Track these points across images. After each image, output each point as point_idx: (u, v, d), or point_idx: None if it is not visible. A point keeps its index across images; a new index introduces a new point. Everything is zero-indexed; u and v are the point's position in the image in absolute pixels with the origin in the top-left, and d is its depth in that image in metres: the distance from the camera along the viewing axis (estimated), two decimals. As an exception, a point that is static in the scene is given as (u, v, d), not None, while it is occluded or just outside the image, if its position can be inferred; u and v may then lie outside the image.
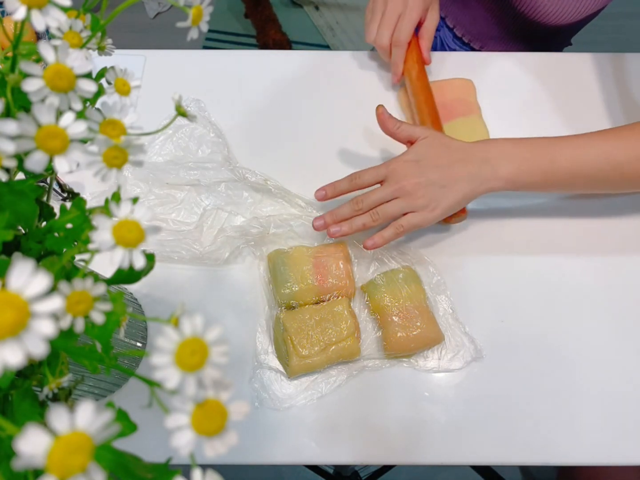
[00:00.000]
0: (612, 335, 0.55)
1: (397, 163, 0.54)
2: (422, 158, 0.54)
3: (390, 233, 0.53)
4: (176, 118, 0.29)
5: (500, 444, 0.51)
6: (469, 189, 0.53)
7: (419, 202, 0.52)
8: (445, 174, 0.53)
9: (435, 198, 0.52)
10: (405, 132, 0.56)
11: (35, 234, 0.28)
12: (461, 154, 0.54)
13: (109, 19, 0.28)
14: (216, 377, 0.21)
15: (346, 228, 0.53)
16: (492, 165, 0.53)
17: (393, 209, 0.53)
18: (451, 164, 0.53)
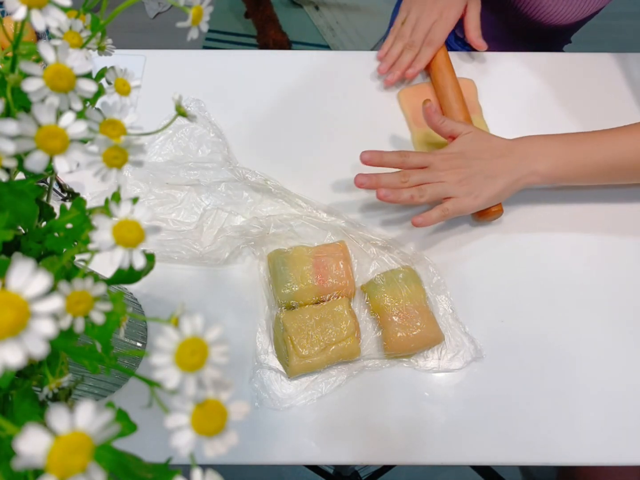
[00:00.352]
0: (612, 335, 0.55)
1: (443, 154, 0.57)
2: (466, 150, 0.57)
3: (437, 215, 0.55)
4: (176, 118, 0.29)
5: (500, 444, 0.51)
6: (509, 182, 0.56)
7: (463, 189, 0.55)
8: (488, 166, 0.56)
9: (478, 187, 0.55)
10: (448, 127, 0.59)
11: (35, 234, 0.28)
12: (502, 149, 0.57)
13: (109, 19, 0.28)
14: (216, 377, 0.21)
15: (394, 196, 0.55)
16: (531, 160, 0.56)
17: (438, 190, 0.55)
18: (492, 158, 0.56)
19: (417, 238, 0.60)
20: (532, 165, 0.56)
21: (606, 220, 0.61)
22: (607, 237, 0.60)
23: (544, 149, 0.56)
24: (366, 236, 0.58)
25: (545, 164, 0.56)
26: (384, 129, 0.67)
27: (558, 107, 0.69)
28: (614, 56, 0.72)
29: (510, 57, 0.73)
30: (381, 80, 0.71)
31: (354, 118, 0.68)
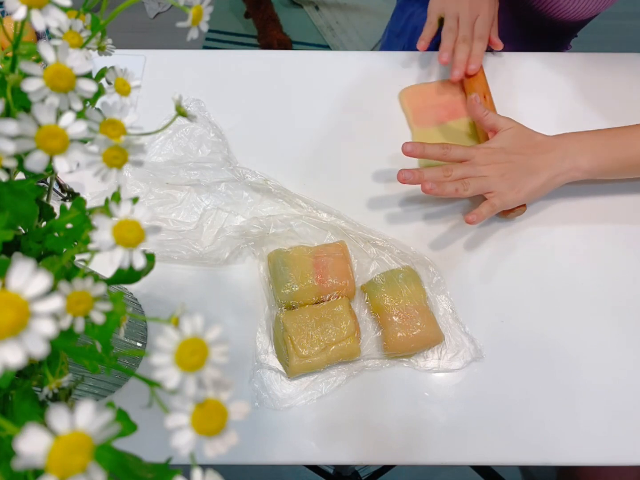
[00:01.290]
0: (612, 335, 0.55)
1: (486, 148, 0.58)
2: (508, 146, 0.58)
3: (487, 210, 0.56)
4: (176, 118, 0.29)
5: (500, 444, 0.51)
6: (550, 176, 0.57)
7: (505, 184, 0.56)
8: (530, 161, 0.57)
9: (520, 181, 0.57)
10: (491, 120, 0.60)
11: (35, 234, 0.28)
12: (543, 145, 0.58)
13: (109, 19, 0.28)
14: (216, 377, 0.21)
15: (439, 189, 0.55)
16: (572, 156, 0.57)
17: (482, 184, 0.56)
18: (534, 153, 0.57)
19: (417, 238, 0.60)
20: (574, 161, 0.57)
21: (606, 219, 0.61)
22: (607, 237, 0.60)
23: (585, 144, 0.57)
24: (366, 236, 0.58)
25: (587, 159, 0.57)
26: (385, 129, 0.67)
27: (561, 107, 0.69)
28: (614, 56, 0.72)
29: (517, 57, 0.73)
30: (381, 80, 0.71)
31: (354, 118, 0.68)
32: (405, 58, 0.73)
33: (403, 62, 0.73)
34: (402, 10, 0.89)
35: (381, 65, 0.72)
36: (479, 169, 0.57)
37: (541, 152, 0.57)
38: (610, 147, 0.57)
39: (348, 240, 0.58)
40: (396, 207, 0.62)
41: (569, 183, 0.59)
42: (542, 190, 0.58)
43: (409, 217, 0.61)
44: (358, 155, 0.65)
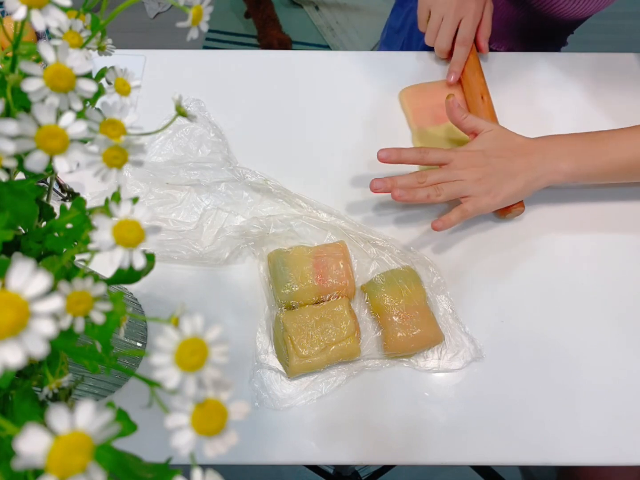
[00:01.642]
0: (612, 335, 0.55)
1: (464, 151, 0.57)
2: (487, 148, 0.57)
3: (457, 216, 0.55)
4: (176, 118, 0.29)
5: (500, 444, 0.51)
6: (529, 179, 0.56)
7: (481, 188, 0.55)
8: (509, 164, 0.56)
9: (497, 185, 0.55)
10: (470, 123, 0.59)
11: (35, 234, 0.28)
12: (524, 148, 0.57)
13: (109, 19, 0.28)
14: (216, 377, 0.21)
15: (409, 196, 0.54)
16: (553, 159, 0.56)
17: (456, 189, 0.55)
18: (514, 156, 0.56)
19: (417, 238, 0.60)
20: (554, 164, 0.56)
21: (607, 219, 0.61)
22: (607, 237, 0.60)
23: (566, 148, 0.56)
24: (366, 236, 0.58)
25: (568, 163, 0.55)
26: (385, 129, 0.67)
27: (562, 107, 0.69)
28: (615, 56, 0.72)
29: (516, 57, 0.73)
30: (381, 80, 0.71)
31: (354, 118, 0.68)
32: (405, 58, 0.73)
33: (403, 62, 0.73)
34: (402, 7, 0.89)
35: (381, 65, 0.72)
36: (456, 172, 0.56)
37: (521, 155, 0.56)
38: (592, 151, 0.56)
39: (348, 240, 0.58)
40: (396, 207, 0.62)
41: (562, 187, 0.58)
42: (519, 194, 0.56)
43: (409, 217, 0.61)
44: (358, 155, 0.65)
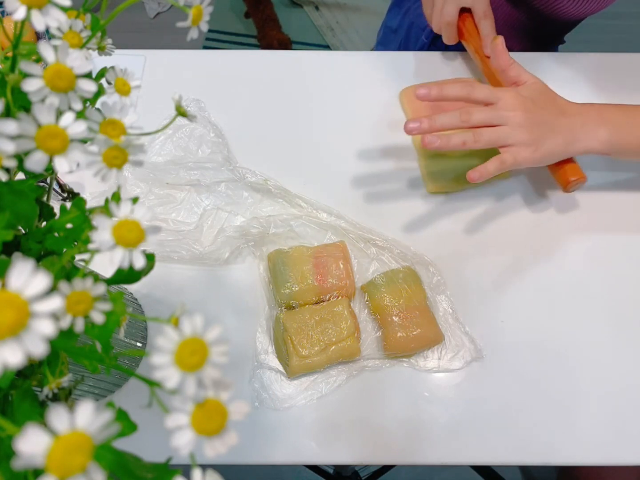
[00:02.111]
0: (613, 335, 0.55)
1: (513, 93, 0.54)
2: (535, 97, 0.54)
3: (495, 166, 0.52)
4: (176, 118, 0.29)
5: (500, 444, 0.51)
6: (569, 140, 0.54)
7: (524, 137, 0.52)
8: (554, 119, 0.54)
9: (541, 137, 0.53)
10: (515, 71, 0.57)
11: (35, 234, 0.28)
12: (567, 109, 0.55)
13: (109, 19, 0.28)
14: (216, 377, 0.21)
15: (443, 142, 0.51)
16: (593, 125, 0.54)
17: (497, 135, 0.52)
18: (559, 113, 0.54)
19: (417, 238, 0.60)
20: (594, 131, 0.54)
21: (607, 220, 0.61)
22: (608, 237, 0.60)
23: (606, 116, 0.55)
24: (366, 236, 0.58)
25: (607, 131, 0.54)
26: (385, 129, 0.67)
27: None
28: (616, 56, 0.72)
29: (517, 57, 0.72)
30: (381, 80, 0.71)
31: (354, 118, 0.68)
32: (405, 58, 0.73)
33: (403, 61, 0.73)
34: (399, 6, 0.89)
35: (381, 65, 0.72)
36: (504, 114, 0.52)
37: (564, 115, 0.54)
38: (632, 122, 0.55)
39: (348, 240, 0.58)
40: (396, 207, 0.62)
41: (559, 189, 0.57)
42: (558, 153, 0.54)
43: (409, 217, 0.61)
44: (358, 155, 0.65)
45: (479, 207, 0.62)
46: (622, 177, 0.64)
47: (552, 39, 0.84)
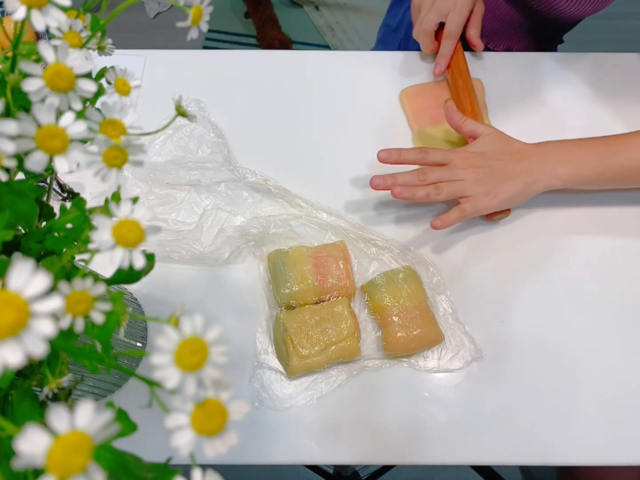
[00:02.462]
0: (613, 335, 0.55)
1: (464, 152, 0.58)
2: (487, 151, 0.57)
3: (456, 216, 0.55)
4: (176, 118, 0.29)
5: (500, 444, 0.51)
6: (527, 183, 0.56)
7: (481, 188, 0.56)
8: (508, 167, 0.57)
9: (496, 187, 0.56)
10: (470, 127, 0.59)
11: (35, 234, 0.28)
12: (522, 152, 0.57)
13: (109, 19, 0.28)
14: (216, 377, 0.21)
15: (409, 194, 0.55)
16: (551, 164, 0.57)
17: (455, 188, 0.56)
18: (513, 160, 0.57)
19: (417, 238, 0.60)
20: (552, 169, 0.56)
21: (608, 222, 0.61)
22: (608, 239, 0.60)
23: (564, 154, 0.57)
24: (366, 236, 0.58)
25: (565, 168, 0.56)
26: (385, 129, 0.67)
27: (564, 107, 0.69)
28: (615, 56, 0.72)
29: (519, 57, 0.73)
30: (381, 80, 0.71)
31: (354, 118, 0.68)
32: (405, 58, 0.73)
33: (403, 62, 0.73)
34: (399, 5, 0.89)
35: (381, 65, 0.72)
36: (456, 172, 0.56)
37: (519, 159, 0.57)
38: (589, 157, 0.57)
39: (348, 240, 0.58)
40: (396, 207, 0.62)
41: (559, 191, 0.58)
42: (518, 197, 0.57)
43: (409, 217, 0.61)
44: (358, 155, 0.65)
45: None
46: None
47: (551, 38, 0.84)
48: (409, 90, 0.69)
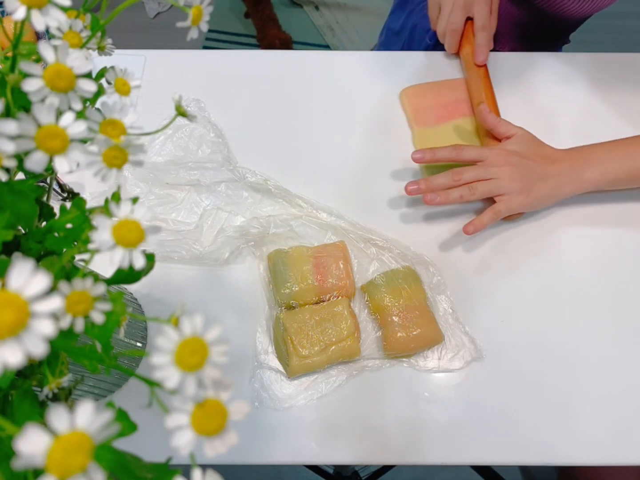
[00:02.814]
0: (613, 335, 0.55)
1: (499, 150, 0.58)
2: (522, 150, 0.58)
3: (489, 217, 0.56)
4: (176, 118, 0.29)
5: (500, 444, 0.51)
6: (559, 184, 0.58)
7: (516, 186, 0.56)
8: (541, 168, 0.58)
9: (530, 185, 0.57)
10: (504, 127, 0.60)
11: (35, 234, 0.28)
12: (553, 156, 0.59)
13: (109, 19, 0.28)
14: (216, 377, 0.21)
15: (442, 198, 0.56)
16: (580, 168, 0.58)
17: (490, 187, 0.56)
18: (545, 162, 0.58)
19: (417, 238, 0.60)
20: (581, 172, 0.58)
21: (608, 221, 0.61)
22: (608, 238, 0.60)
23: (591, 157, 0.58)
24: (366, 236, 0.58)
25: (594, 171, 0.57)
26: (385, 129, 0.67)
27: (564, 107, 0.69)
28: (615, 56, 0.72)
29: (520, 57, 0.73)
30: (381, 80, 0.71)
31: (354, 118, 0.68)
32: (405, 58, 0.73)
33: (403, 62, 0.73)
34: (402, 9, 0.89)
35: (381, 65, 0.72)
36: (491, 170, 0.56)
37: (551, 162, 0.58)
38: (617, 158, 0.58)
39: (348, 240, 0.58)
40: (396, 207, 0.62)
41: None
42: (549, 198, 0.58)
43: (409, 217, 0.61)
44: (358, 155, 0.65)
45: (479, 207, 0.62)
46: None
47: (556, 38, 0.84)
48: (409, 90, 0.69)
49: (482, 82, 0.66)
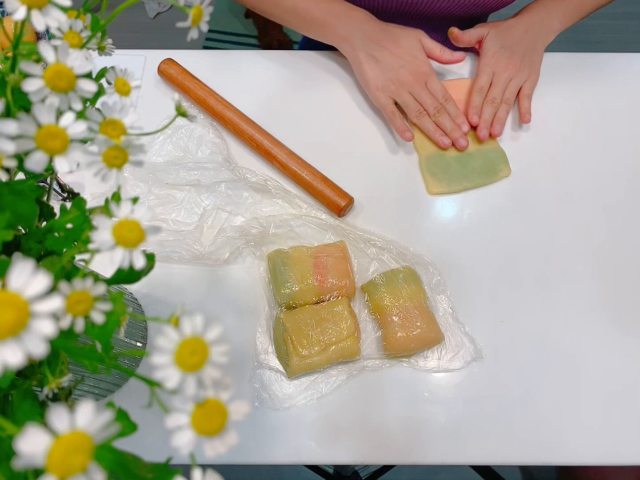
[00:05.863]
0: (613, 335, 0.55)
1: (490, 58, 0.66)
2: (502, 44, 0.67)
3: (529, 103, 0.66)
4: (176, 118, 0.29)
5: (500, 444, 0.51)
6: (543, 44, 0.68)
7: (524, 73, 0.66)
8: (525, 45, 0.67)
9: (531, 64, 0.67)
10: (474, 36, 0.68)
11: (35, 234, 0.28)
12: (523, 26, 0.68)
13: (109, 19, 0.28)
14: (216, 377, 0.21)
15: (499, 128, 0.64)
16: (548, 23, 0.68)
17: (515, 88, 0.66)
18: (523, 37, 0.67)
19: (417, 238, 0.60)
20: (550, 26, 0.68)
21: (608, 220, 0.61)
22: (609, 238, 0.60)
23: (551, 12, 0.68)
24: (366, 236, 0.58)
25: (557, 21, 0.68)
26: (385, 129, 0.67)
27: (563, 106, 0.69)
28: (614, 56, 0.72)
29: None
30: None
31: (355, 118, 0.68)
32: (405, 58, 0.73)
33: (403, 62, 0.72)
34: None
35: (381, 65, 0.72)
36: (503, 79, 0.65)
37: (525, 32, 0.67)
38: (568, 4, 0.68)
39: (348, 240, 0.58)
40: (396, 207, 0.62)
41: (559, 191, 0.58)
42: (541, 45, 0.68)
43: (409, 218, 0.61)
44: (358, 155, 0.65)
45: (478, 207, 0.62)
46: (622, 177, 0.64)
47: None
48: (409, 90, 0.69)
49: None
